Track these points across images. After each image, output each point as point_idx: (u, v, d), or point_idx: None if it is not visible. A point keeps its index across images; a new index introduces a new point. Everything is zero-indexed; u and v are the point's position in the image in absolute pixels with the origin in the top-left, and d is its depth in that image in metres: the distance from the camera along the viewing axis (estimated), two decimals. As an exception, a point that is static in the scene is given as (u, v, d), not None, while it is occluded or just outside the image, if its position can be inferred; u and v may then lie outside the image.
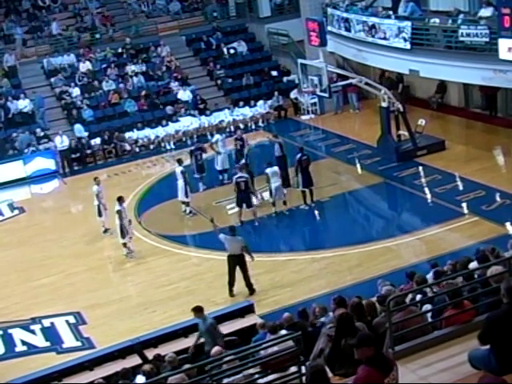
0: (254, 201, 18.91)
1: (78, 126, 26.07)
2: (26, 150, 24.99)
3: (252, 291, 15.01)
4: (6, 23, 30.09)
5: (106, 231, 18.98)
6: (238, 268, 14.95)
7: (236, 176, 18.40)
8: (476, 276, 9.31)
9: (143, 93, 27.87)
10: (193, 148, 21.59)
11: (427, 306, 9.19)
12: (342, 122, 26.57)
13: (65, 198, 22.86)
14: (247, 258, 15.04)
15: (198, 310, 11.57)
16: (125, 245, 17.55)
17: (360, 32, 23.94)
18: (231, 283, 15.00)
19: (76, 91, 27.50)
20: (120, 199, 17.53)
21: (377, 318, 9.07)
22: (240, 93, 28.63)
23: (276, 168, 18.93)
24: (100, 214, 18.85)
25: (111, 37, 30.55)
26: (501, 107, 23.97)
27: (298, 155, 19.10)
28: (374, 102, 24.19)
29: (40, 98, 26.90)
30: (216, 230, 15.38)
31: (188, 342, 11.80)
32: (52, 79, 28.25)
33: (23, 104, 26.63)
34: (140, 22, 31.38)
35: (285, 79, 29.38)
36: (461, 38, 19.72)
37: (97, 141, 25.75)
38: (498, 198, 18.05)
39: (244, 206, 18.40)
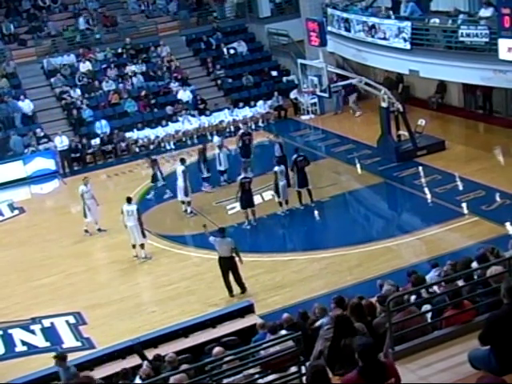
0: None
1: (104, 122, 26.10)
2: (25, 151, 25.01)
3: (243, 290, 15.11)
4: (5, 23, 30.12)
5: (99, 230, 19.09)
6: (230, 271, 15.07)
7: (240, 177, 18.41)
8: (476, 276, 9.30)
9: (143, 93, 27.87)
10: (242, 132, 22.24)
11: (427, 306, 9.19)
12: (342, 122, 26.56)
13: (65, 198, 22.86)
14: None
15: (60, 359, 10.60)
16: (143, 246, 17.43)
17: (360, 32, 23.94)
18: (228, 286, 15.07)
19: (76, 91, 27.51)
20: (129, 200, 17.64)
21: (377, 318, 9.08)
22: (240, 93, 28.63)
23: (283, 167, 19.01)
24: (85, 216, 18.95)
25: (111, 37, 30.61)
26: (501, 107, 23.99)
27: (294, 156, 19.17)
28: (374, 102, 24.17)
29: (15, 103, 26.77)
30: (206, 233, 15.40)
31: (188, 341, 11.80)
32: (52, 79, 28.25)
33: (24, 105, 26.63)
34: (140, 22, 31.41)
35: (284, 79, 29.37)
36: (461, 38, 19.72)
37: (96, 141, 25.75)
38: (497, 198, 18.05)
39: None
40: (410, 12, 22.64)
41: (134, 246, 17.44)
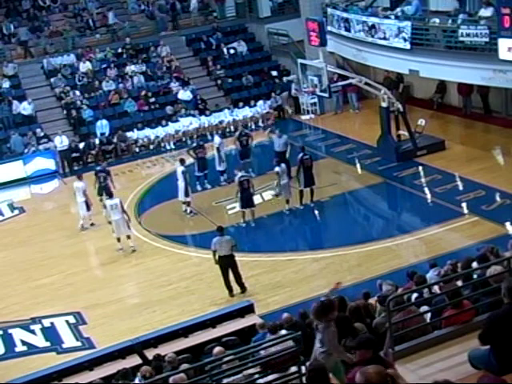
0: None
1: (104, 122, 26.09)
2: (25, 150, 25.02)
3: (243, 290, 15.14)
4: (5, 23, 30.11)
5: (91, 225, 19.52)
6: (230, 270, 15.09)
7: (238, 176, 18.39)
8: (476, 276, 9.31)
9: (143, 93, 27.87)
10: (239, 133, 22.13)
11: (426, 307, 9.19)
12: (342, 122, 26.57)
13: (65, 198, 22.83)
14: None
15: None
16: (129, 237, 17.85)
17: (360, 32, 23.94)
18: (228, 286, 15.08)
19: (76, 91, 27.51)
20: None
21: (376, 318, 9.09)
22: (240, 93, 28.64)
23: (284, 166, 18.96)
24: (89, 209, 19.35)
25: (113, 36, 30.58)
26: (500, 107, 23.99)
27: (300, 155, 19.11)
28: (374, 102, 24.20)
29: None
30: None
31: (188, 341, 11.80)
32: (52, 79, 28.25)
33: (27, 107, 26.61)
34: (140, 22, 31.41)
35: (284, 79, 29.36)
36: (461, 38, 19.71)
37: (96, 141, 25.72)
38: (497, 198, 18.05)
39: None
40: (414, 10, 22.64)
41: (118, 240, 17.74)
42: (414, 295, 9.89)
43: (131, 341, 11.79)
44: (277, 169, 18.79)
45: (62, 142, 25.04)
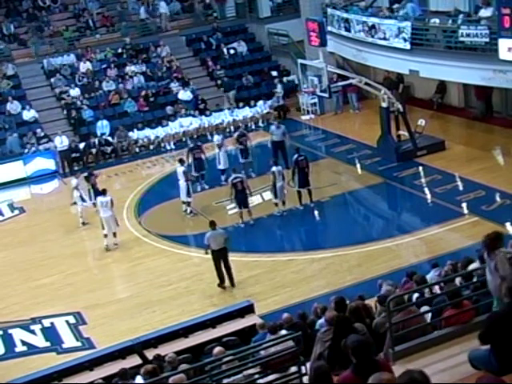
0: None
1: (105, 123, 26.09)
2: (25, 151, 25.02)
3: (233, 284, 15.34)
4: (5, 23, 30.11)
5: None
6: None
7: (231, 177, 18.40)
8: (476, 276, 9.31)
9: (143, 93, 27.87)
10: (238, 134, 22.17)
11: (426, 307, 9.19)
12: (342, 122, 26.57)
13: (65, 198, 22.81)
14: None
15: None
16: (115, 234, 18.14)
17: (360, 32, 23.93)
18: (220, 276, 15.22)
19: (76, 91, 27.51)
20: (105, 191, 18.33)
21: (376, 318, 9.09)
22: (240, 93, 28.63)
23: (281, 168, 18.97)
24: (84, 200, 19.71)
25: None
26: (500, 107, 23.98)
27: (295, 156, 19.15)
28: (374, 102, 24.19)
29: None
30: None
31: (188, 341, 11.80)
32: (52, 79, 28.25)
33: (29, 115, 26.56)
34: (144, 24, 31.40)
35: (284, 79, 29.38)
36: (461, 38, 19.71)
37: (95, 141, 25.69)
38: (497, 198, 18.05)
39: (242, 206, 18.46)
40: (411, 13, 22.62)
41: (105, 236, 18.08)
42: (415, 295, 9.90)
43: (131, 341, 11.79)
44: (274, 168, 18.76)
45: (62, 142, 25.04)
